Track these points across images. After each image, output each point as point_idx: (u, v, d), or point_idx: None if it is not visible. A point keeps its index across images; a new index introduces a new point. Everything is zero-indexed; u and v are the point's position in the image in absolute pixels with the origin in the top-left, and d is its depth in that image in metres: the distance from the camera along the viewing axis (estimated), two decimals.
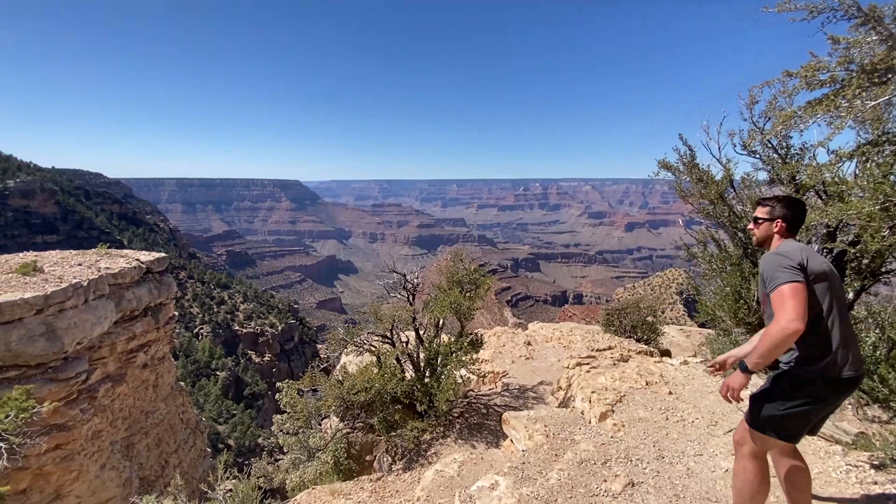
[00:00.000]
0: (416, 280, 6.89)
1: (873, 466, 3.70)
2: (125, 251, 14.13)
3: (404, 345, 6.30)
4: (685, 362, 6.76)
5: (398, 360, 6.16)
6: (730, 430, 4.63)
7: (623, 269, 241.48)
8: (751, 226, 2.91)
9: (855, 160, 4.43)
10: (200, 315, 72.04)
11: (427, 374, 6.31)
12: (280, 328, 77.15)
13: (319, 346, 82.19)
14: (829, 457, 4.11)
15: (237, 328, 74.04)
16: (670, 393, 5.51)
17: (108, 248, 13.58)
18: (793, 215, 2.73)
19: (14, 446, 6.59)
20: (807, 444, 4.36)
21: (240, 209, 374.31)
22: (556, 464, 4.27)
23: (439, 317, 6.40)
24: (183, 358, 55.25)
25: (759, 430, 2.68)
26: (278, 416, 7.29)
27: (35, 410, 7.12)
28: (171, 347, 15.26)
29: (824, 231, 4.48)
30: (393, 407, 5.92)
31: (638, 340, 9.13)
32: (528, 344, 9.75)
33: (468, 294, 6.61)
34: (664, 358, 7.83)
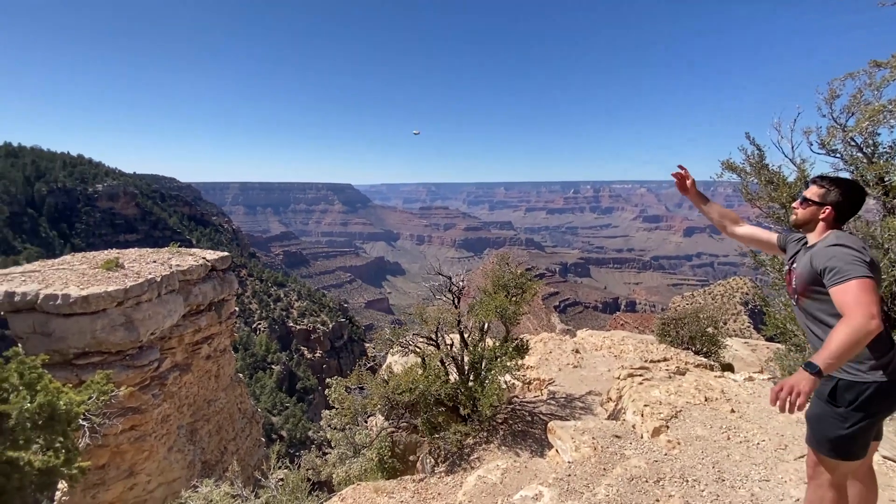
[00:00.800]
0: (461, 283, 6.88)
1: None
2: (193, 250, 15.23)
3: (449, 347, 6.31)
4: (750, 378, 6.28)
5: (442, 362, 6.18)
6: (802, 456, 4.24)
7: (681, 276, 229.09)
8: (796, 203, 2.62)
9: None
10: (258, 311, 76.08)
11: (471, 377, 6.28)
12: (331, 326, 79.91)
13: (367, 344, 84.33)
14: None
15: (291, 325, 77.49)
16: (733, 411, 5.13)
17: (179, 246, 14.69)
18: (848, 205, 2.45)
19: (95, 425, 7.25)
20: (895, 476, 3.91)
21: (296, 211, 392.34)
22: (605, 478, 4.10)
23: (484, 320, 6.35)
24: (242, 351, 58.55)
25: (828, 454, 2.42)
26: (327, 412, 7.54)
27: (113, 394, 7.81)
28: (231, 341, 16.25)
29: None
30: (437, 409, 5.93)
31: (696, 353, 8.59)
32: (577, 352, 9.45)
33: (514, 298, 6.51)
34: (726, 373, 7.31)
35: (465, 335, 6.66)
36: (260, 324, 73.54)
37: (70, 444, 6.90)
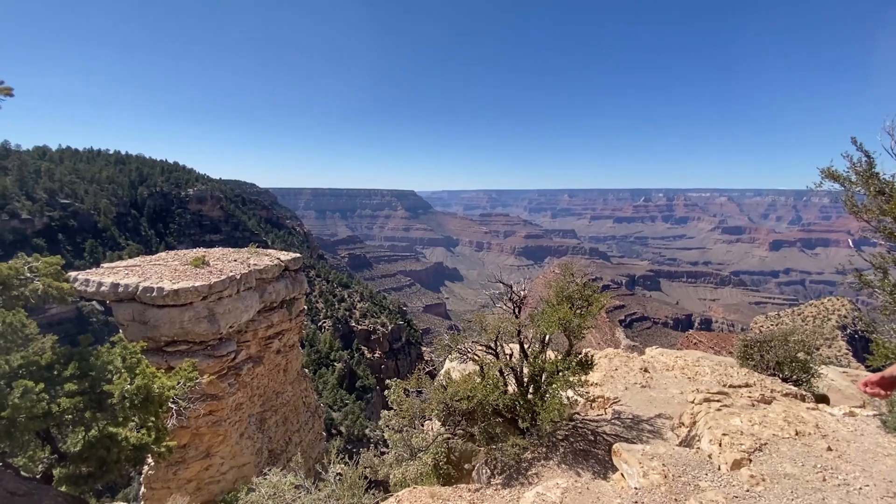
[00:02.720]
0: (522, 292, 6.75)
1: None
2: (269, 251, 16.32)
3: (508, 357, 6.20)
4: (851, 413, 5.55)
5: (501, 372, 6.08)
6: None
7: (765, 294, 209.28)
8: None
9: None
10: (324, 310, 79.81)
11: (530, 390, 6.12)
12: (390, 328, 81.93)
13: (424, 347, 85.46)
14: None
15: (353, 324, 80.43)
16: (829, 449, 4.55)
17: (257, 247, 15.81)
18: None
19: (182, 409, 7.95)
20: None
21: (361, 216, 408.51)
22: None
23: (546, 332, 6.17)
24: (307, 347, 61.63)
25: None
26: (385, 412, 7.69)
27: (198, 381, 8.53)
28: (299, 337, 17.16)
29: None
30: (494, 419, 5.84)
31: (784, 380, 7.74)
32: (645, 371, 8.91)
33: (579, 311, 6.27)
34: (820, 405, 6.53)
35: (525, 346, 6.51)
36: (325, 322, 77.08)
37: (160, 424, 7.62)
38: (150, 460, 11.28)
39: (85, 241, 64.72)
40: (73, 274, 11.26)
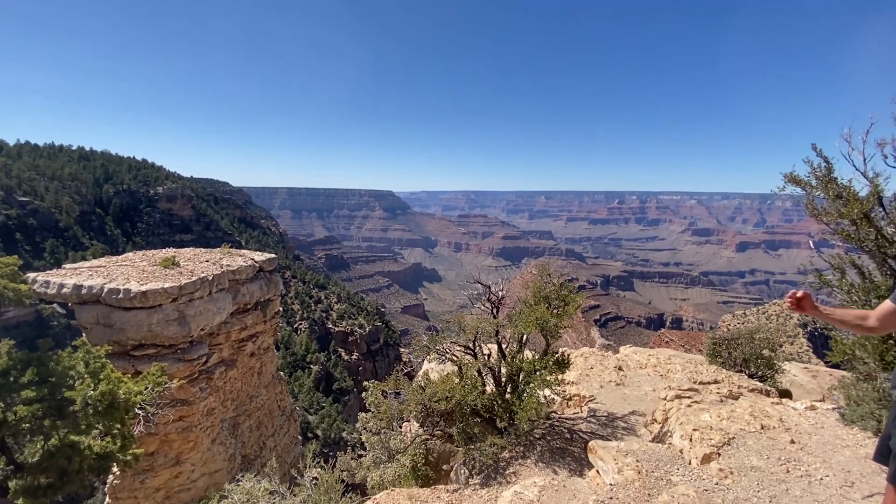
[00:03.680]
0: (500, 292, 6.80)
1: None
2: (243, 251, 15.93)
3: (486, 357, 6.23)
4: (812, 407, 5.81)
5: (480, 372, 6.11)
6: (870, 496, 3.86)
7: (732, 294, 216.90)
8: None
9: None
10: (300, 312, 78.50)
11: (508, 389, 6.17)
12: (368, 329, 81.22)
13: (402, 349, 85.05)
14: None
15: (330, 326, 79.40)
16: (792, 442, 4.75)
17: (230, 247, 15.42)
18: None
19: (150, 415, 7.67)
20: None
21: (339, 216, 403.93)
22: None
23: (524, 332, 6.23)
24: (283, 350, 60.51)
25: None
26: (363, 415, 7.62)
27: (167, 385, 8.24)
28: (274, 339, 16.81)
29: None
30: (472, 419, 5.86)
31: (751, 376, 8.03)
32: (620, 369, 9.11)
33: (556, 311, 6.35)
34: (784, 400, 6.80)
35: (503, 346, 6.55)
36: (301, 324, 75.83)
37: (126, 431, 7.33)
38: (115, 469, 10.83)
39: (45, 240, 61.80)
40: (31, 275, 10.73)
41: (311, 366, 63.44)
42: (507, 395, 6.25)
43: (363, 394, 7.64)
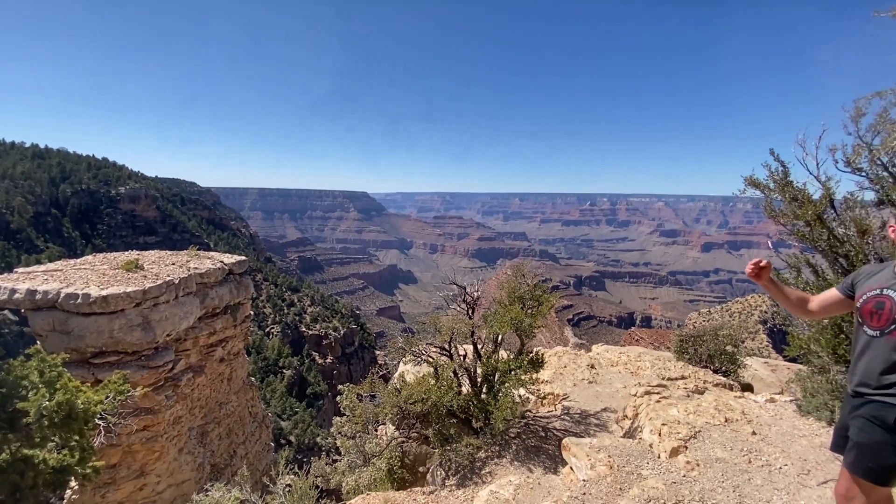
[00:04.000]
0: (475, 293, 6.84)
1: None
2: (211, 253, 15.46)
3: (462, 358, 6.26)
4: (772, 400, 6.08)
5: (455, 373, 6.13)
6: (825, 482, 4.07)
7: (698, 293, 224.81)
8: None
9: None
10: (272, 315, 76.79)
11: (484, 389, 6.21)
12: (342, 332, 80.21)
13: (378, 351, 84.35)
14: None
15: (304, 329, 78.00)
16: (754, 433, 4.96)
17: (198, 250, 14.93)
18: None
19: (111, 425, 7.34)
20: None
21: (312, 218, 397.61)
22: (621, 499, 3.99)
23: (499, 332, 6.29)
24: (254, 355, 59.04)
25: (876, 481, 2.35)
26: (338, 419, 7.51)
27: (129, 394, 7.91)
28: (245, 344, 16.37)
29: None
30: (448, 420, 5.87)
31: (715, 372, 8.36)
32: (592, 367, 9.30)
33: (530, 311, 6.44)
34: (746, 393, 7.11)
35: (479, 346, 6.60)
36: (273, 328, 74.17)
37: (85, 443, 6.99)
38: (73, 483, 10.30)
39: None
40: None
41: (284, 370, 62.14)
42: (483, 396, 6.30)
43: (338, 398, 7.55)
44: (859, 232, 4.65)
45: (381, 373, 6.74)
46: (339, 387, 7.60)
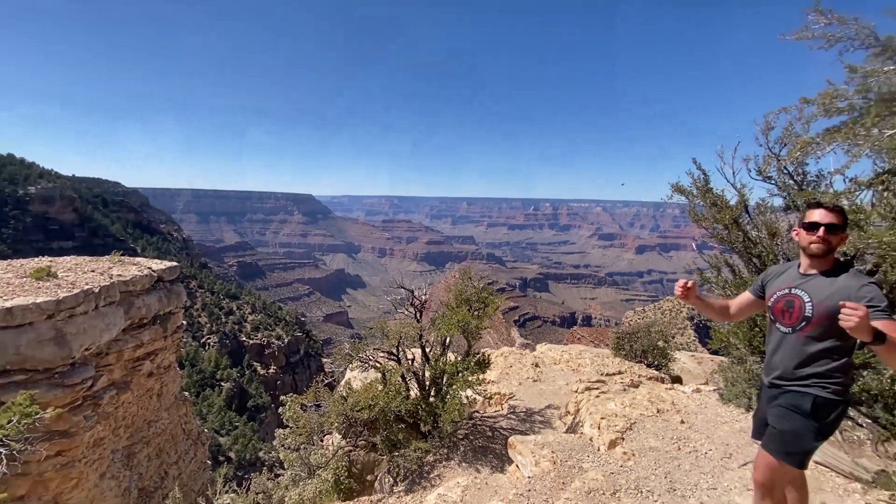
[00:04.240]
0: (423, 296, 6.84)
1: None
2: (138, 259, 14.28)
3: (410, 362, 6.22)
4: (697, 390, 6.57)
5: (403, 377, 6.08)
6: (745, 464, 4.45)
7: (633, 292, 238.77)
8: (821, 233, 2.52)
9: (872, 189, 4.35)
10: (208, 325, 72.39)
11: (432, 393, 6.21)
12: (286, 340, 77.14)
13: (325, 359, 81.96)
14: (849, 495, 3.94)
15: (244, 339, 74.18)
16: (682, 422, 5.34)
17: (122, 255, 13.76)
18: None
19: (14, 452, 6.56)
20: (825, 481, 4.18)
21: (252, 221, 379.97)
22: (563, 493, 4.13)
23: (446, 335, 6.32)
24: (189, 367, 55.34)
25: (796, 465, 2.56)
26: (280, 431, 7.20)
27: (38, 416, 7.11)
28: (177, 357, 15.26)
29: (842, 259, 4.37)
30: (397, 426, 5.81)
31: (648, 366, 8.92)
32: (536, 366, 9.59)
33: (476, 313, 6.54)
34: (675, 385, 7.63)
35: (427, 350, 6.60)
36: (210, 338, 69.91)
37: None
38: None
39: None
40: None
41: (222, 383, 58.70)
42: (432, 399, 6.30)
43: (280, 409, 7.24)
44: (770, 234, 5.16)
45: (326, 381, 6.55)
46: (282, 398, 7.29)
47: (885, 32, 3.54)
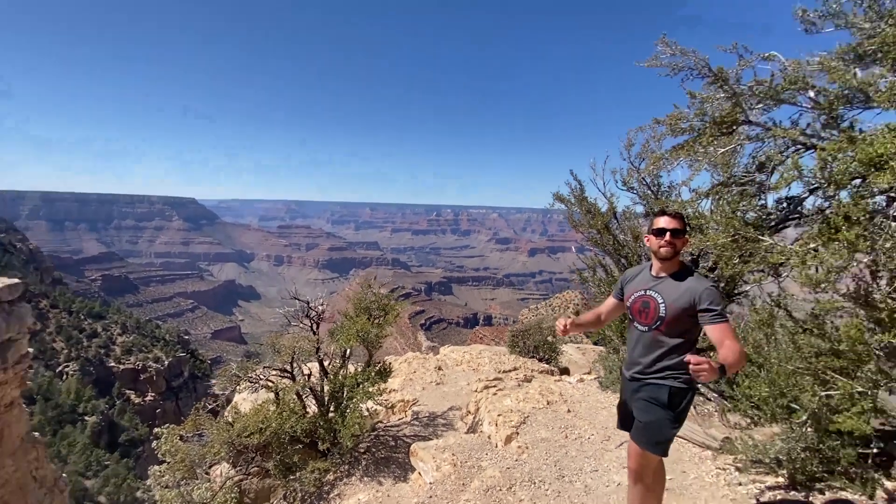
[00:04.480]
0: (320, 307, 6.55)
1: (737, 469, 4.18)
2: None
3: (307, 378, 5.91)
4: (581, 380, 7.20)
5: (299, 395, 5.75)
6: (621, 444, 4.95)
7: (527, 292, 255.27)
8: (667, 238, 2.80)
9: (710, 198, 5.16)
10: (66, 350, 61.66)
11: (332, 408, 5.96)
12: (167, 362, 68.71)
13: (214, 380, 74.58)
14: (702, 462, 4.58)
15: (113, 364, 64.49)
16: (569, 411, 5.79)
17: None
18: None
19: None
20: (684, 451, 4.82)
21: (121, 228, 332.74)
22: (463, 494, 4.23)
23: (345, 346, 6.12)
24: (42, 402, 46.53)
25: (661, 453, 2.82)
26: (156, 468, 6.35)
27: None
28: (22, 391, 12.67)
29: (689, 259, 5.15)
30: (292, 447, 5.46)
31: (540, 360, 9.57)
32: (439, 369, 9.73)
33: (377, 321, 6.43)
34: (563, 376, 8.27)
35: (326, 363, 6.32)
36: (68, 366, 59.51)
37: None
38: None
39: None
40: None
41: (86, 417, 50.32)
42: (331, 414, 6.04)
43: (153, 443, 6.39)
44: (634, 238, 5.87)
45: (209, 406, 5.93)
46: (156, 430, 6.45)
47: (717, 64, 4.16)
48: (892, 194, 2.97)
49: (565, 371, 9.55)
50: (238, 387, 5.85)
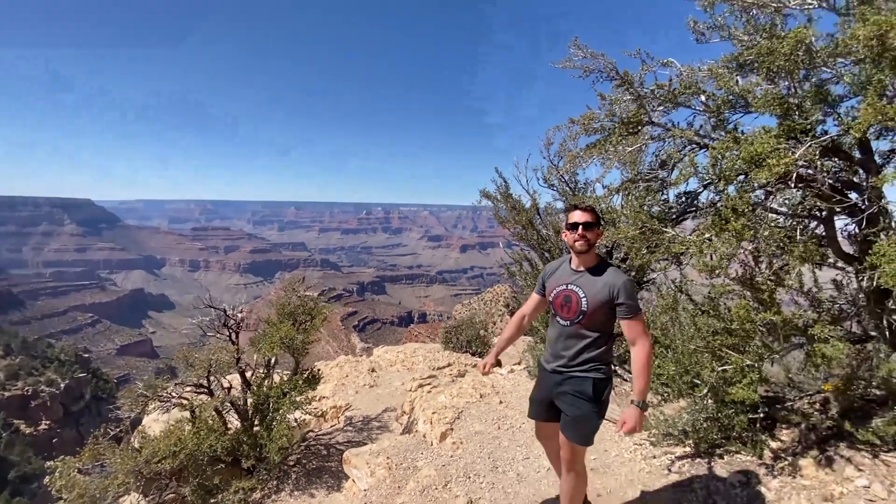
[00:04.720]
0: (239, 314, 6.11)
1: (651, 443, 4.54)
2: None
3: (226, 392, 5.48)
4: (511, 371, 7.43)
5: (218, 411, 5.32)
6: None
7: (460, 287, 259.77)
8: (581, 231, 2.87)
9: (621, 194, 5.54)
10: None
11: (256, 421, 5.59)
12: (63, 385, 60.86)
13: (123, 401, 67.32)
14: (622, 440, 4.91)
15: None
16: (501, 402, 5.94)
17: None
18: None
19: None
20: (605, 431, 5.13)
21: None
22: (399, 497, 4.17)
23: (269, 355, 5.77)
24: None
25: (588, 444, 2.95)
26: None
27: None
28: None
29: (604, 251, 5.50)
30: (212, 468, 5.04)
31: (473, 354, 9.76)
32: (373, 371, 9.55)
33: (303, 326, 6.14)
34: (495, 369, 8.48)
35: (248, 374, 5.91)
36: None
37: None
38: None
39: None
40: None
41: None
42: (256, 428, 5.67)
43: (47, 479, 5.59)
44: (555, 232, 6.16)
45: (113, 431, 5.29)
46: (48, 463, 5.65)
47: (623, 68, 4.44)
48: (769, 189, 3.38)
49: (497, 363, 9.81)
50: (147, 407, 5.28)
